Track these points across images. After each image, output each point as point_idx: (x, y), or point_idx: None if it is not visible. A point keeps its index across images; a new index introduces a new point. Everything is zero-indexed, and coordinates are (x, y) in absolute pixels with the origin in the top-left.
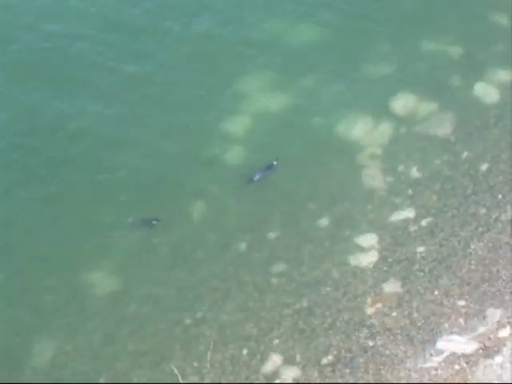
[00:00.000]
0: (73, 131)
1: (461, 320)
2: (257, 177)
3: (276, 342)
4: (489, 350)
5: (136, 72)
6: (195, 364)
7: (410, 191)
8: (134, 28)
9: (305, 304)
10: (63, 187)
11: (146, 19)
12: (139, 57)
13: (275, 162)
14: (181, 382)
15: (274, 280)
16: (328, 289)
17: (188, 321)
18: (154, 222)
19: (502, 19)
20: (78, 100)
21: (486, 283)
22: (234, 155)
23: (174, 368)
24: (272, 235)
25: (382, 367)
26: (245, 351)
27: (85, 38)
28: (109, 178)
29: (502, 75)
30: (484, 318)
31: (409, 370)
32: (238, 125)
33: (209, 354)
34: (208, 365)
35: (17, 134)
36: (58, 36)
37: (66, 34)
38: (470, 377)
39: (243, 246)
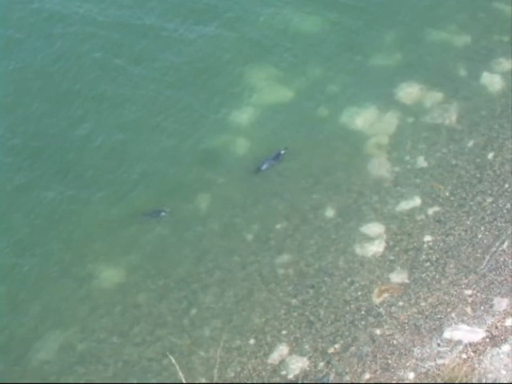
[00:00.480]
0: (81, 132)
1: (468, 309)
2: (265, 166)
3: (283, 332)
4: (496, 338)
5: (141, 72)
6: (202, 354)
7: (416, 180)
8: (139, 29)
9: (311, 294)
10: (72, 187)
11: (151, 20)
12: (144, 57)
13: (283, 151)
14: (180, 374)
15: (281, 270)
16: (335, 279)
17: (194, 311)
18: (163, 214)
19: (506, 8)
20: (85, 102)
21: (493, 272)
22: (240, 147)
23: (171, 358)
24: (278, 226)
25: (389, 356)
26: (252, 341)
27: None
28: (115, 172)
29: (508, 64)
30: (491, 306)
31: (416, 359)
32: (243, 117)
33: (220, 344)
34: (218, 352)
35: (24, 137)
36: (62, 38)
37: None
38: (477, 365)
39: (249, 236)
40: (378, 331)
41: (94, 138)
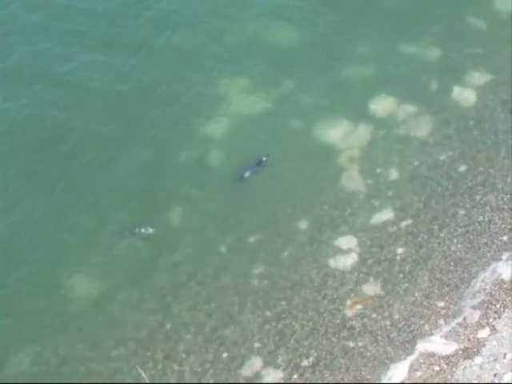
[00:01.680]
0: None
1: (440, 321)
2: (247, 173)
3: (257, 344)
4: (468, 350)
5: (114, 85)
6: (176, 367)
7: (389, 193)
8: (110, 43)
9: (285, 307)
10: (47, 195)
11: (129, 33)
12: (116, 70)
13: (265, 158)
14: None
15: (255, 283)
16: (308, 291)
17: (168, 325)
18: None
19: (479, 22)
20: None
21: (466, 284)
22: (213, 159)
23: (140, 371)
24: (252, 238)
25: (362, 368)
26: (225, 354)
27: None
28: (91, 184)
29: (480, 78)
30: (463, 319)
31: (389, 371)
32: (217, 128)
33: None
34: (188, 368)
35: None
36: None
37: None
38: (449, 377)
39: (223, 248)
40: (351, 343)
41: (67, 151)
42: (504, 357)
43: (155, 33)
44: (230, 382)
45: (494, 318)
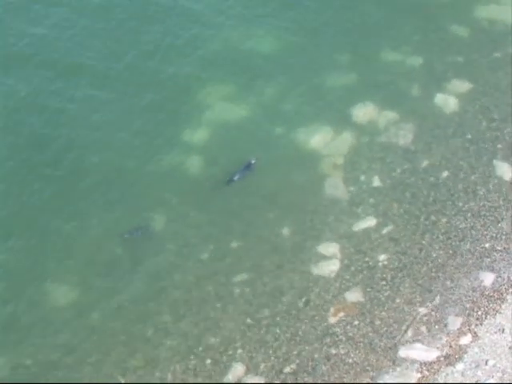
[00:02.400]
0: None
1: (422, 328)
2: (237, 177)
3: (239, 351)
4: (450, 357)
5: (95, 93)
6: (157, 374)
7: (371, 200)
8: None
9: (267, 313)
10: (29, 201)
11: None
12: (98, 78)
13: (254, 161)
14: None
15: (237, 290)
16: (291, 298)
17: (150, 332)
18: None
19: (459, 30)
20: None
21: (448, 291)
22: (195, 165)
23: (120, 378)
24: (234, 245)
25: (344, 375)
26: (208, 361)
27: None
28: (70, 189)
29: (461, 85)
30: (445, 325)
31: (371, 378)
32: (198, 135)
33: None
34: (170, 375)
35: None
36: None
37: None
38: None
39: (205, 255)
40: (333, 350)
41: (49, 158)
42: (486, 363)
43: (135, 40)
44: None
45: (476, 325)
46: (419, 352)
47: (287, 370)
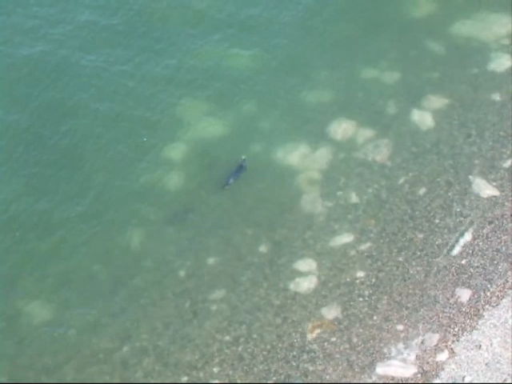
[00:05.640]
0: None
1: (400, 344)
2: (231, 180)
3: (216, 369)
4: (427, 374)
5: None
6: None
7: (348, 216)
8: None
9: (244, 331)
10: (4, 220)
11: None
12: (75, 94)
13: (244, 160)
14: None
15: (214, 307)
16: (268, 315)
17: (126, 349)
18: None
19: (435, 46)
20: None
21: (425, 308)
22: (173, 182)
23: None
24: (211, 261)
25: None
26: (185, 379)
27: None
28: (46, 209)
29: (437, 101)
30: (422, 342)
31: None
32: (176, 152)
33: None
34: None
35: None
36: None
37: None
38: None
39: (182, 272)
40: (310, 367)
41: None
42: (463, 380)
43: (114, 57)
44: None
45: (453, 341)
46: (396, 368)
47: None
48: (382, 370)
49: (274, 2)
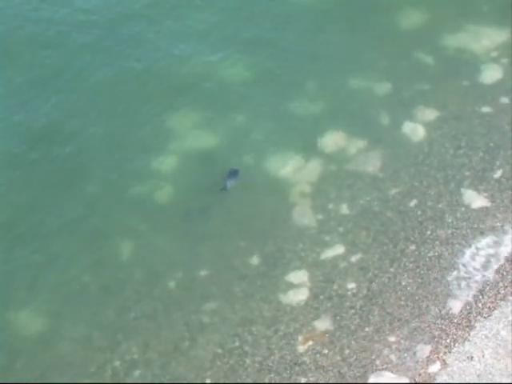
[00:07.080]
0: None
1: (392, 356)
2: (229, 185)
3: (208, 381)
4: None
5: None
6: None
7: (340, 228)
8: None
9: (237, 343)
10: None
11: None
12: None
13: (236, 169)
14: None
15: (206, 319)
16: (260, 327)
17: (117, 362)
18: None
19: (427, 58)
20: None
21: (416, 319)
22: (164, 193)
23: None
24: (203, 273)
25: None
26: None
27: None
28: (37, 219)
29: (428, 113)
30: (414, 353)
31: None
32: (167, 163)
33: None
34: None
35: None
36: None
37: None
38: None
39: (173, 284)
40: (302, 379)
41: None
42: None
43: (105, 68)
44: None
45: (445, 353)
46: (389, 380)
47: None
48: (374, 381)
49: (265, 15)
